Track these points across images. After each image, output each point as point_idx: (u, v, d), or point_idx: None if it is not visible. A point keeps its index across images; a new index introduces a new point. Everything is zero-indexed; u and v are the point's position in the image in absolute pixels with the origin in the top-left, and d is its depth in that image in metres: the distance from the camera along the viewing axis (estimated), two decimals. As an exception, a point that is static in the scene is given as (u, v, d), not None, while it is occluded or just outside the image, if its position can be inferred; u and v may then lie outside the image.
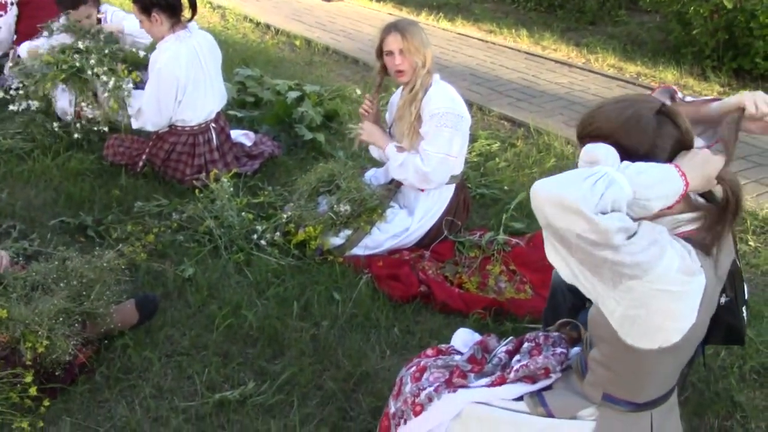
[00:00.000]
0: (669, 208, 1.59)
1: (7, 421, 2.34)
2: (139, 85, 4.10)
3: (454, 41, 7.59)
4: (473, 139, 4.49)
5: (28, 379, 2.38)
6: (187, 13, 3.92)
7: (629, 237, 1.47)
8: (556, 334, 1.98)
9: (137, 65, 4.21)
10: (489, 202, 4.09)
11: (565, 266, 1.58)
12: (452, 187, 3.52)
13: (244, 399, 2.53)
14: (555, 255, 1.59)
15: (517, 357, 1.94)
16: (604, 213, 1.46)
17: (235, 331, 2.90)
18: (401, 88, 3.50)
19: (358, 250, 3.43)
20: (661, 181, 1.55)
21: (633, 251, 1.46)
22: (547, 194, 1.51)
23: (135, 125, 4.02)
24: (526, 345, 1.97)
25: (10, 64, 5.16)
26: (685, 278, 1.52)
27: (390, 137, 3.54)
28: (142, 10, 3.84)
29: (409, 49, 3.25)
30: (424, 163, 3.30)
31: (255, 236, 3.49)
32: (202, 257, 3.37)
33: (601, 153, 1.60)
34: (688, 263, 1.53)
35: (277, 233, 3.50)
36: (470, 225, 3.74)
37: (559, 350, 1.89)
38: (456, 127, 3.29)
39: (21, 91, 4.13)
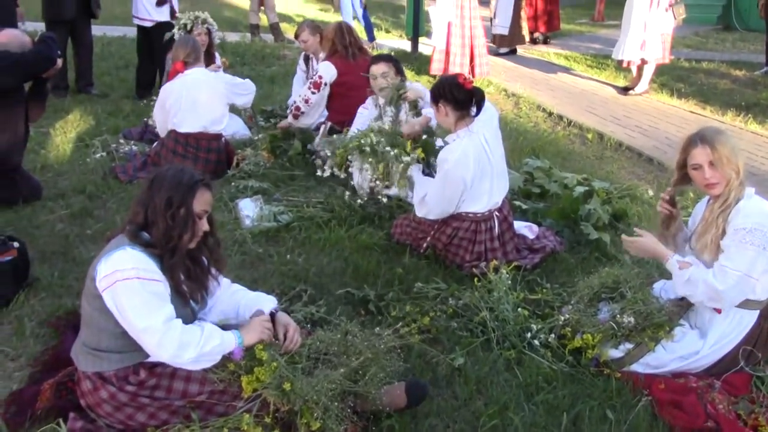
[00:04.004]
0: None
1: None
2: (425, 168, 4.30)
3: (765, 146, 6.94)
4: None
5: (301, 444, 2.49)
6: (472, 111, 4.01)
7: None
8: None
9: (428, 150, 4.40)
10: (797, 335, 3.58)
11: None
12: (755, 313, 3.14)
13: None
14: None
15: None
16: None
17: (499, 434, 2.80)
18: (707, 197, 3.24)
19: (638, 367, 3.18)
20: None
21: None
22: None
23: (419, 213, 4.17)
24: None
25: (319, 138, 5.68)
26: None
27: (671, 249, 3.27)
28: (432, 99, 4.05)
29: (720, 160, 3.00)
30: (717, 280, 2.99)
31: (529, 334, 3.38)
32: (474, 348, 3.34)
33: None
34: None
35: (552, 335, 3.37)
36: (772, 359, 3.31)
37: None
38: (764, 247, 2.95)
39: (328, 161, 4.57)
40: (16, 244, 3.69)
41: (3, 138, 4.56)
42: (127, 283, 2.51)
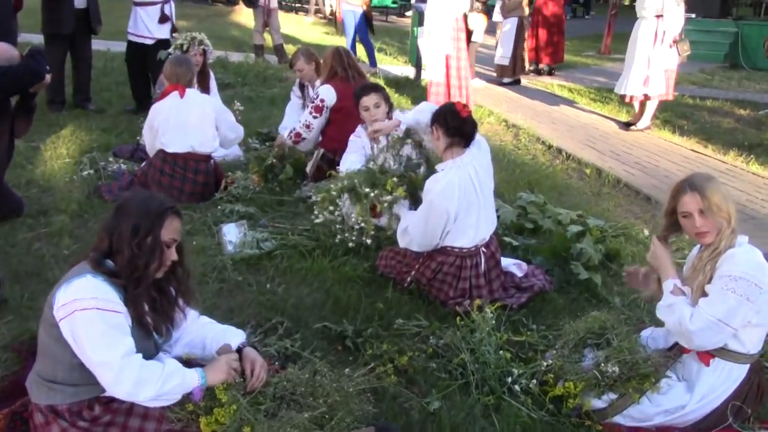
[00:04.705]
0: None
1: None
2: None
3: (765, 189, 6.82)
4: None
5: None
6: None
7: None
8: None
9: (414, 185, 4.31)
10: (788, 392, 3.44)
11: None
12: (745, 367, 3.02)
13: None
14: None
15: None
16: None
17: (471, 487, 2.66)
18: (699, 245, 3.12)
19: (621, 419, 3.04)
20: None
21: None
22: None
23: (401, 243, 4.08)
24: None
25: (310, 165, 5.59)
26: None
27: (676, 274, 3.14)
28: (430, 121, 4.01)
29: (710, 209, 2.89)
30: (690, 320, 2.88)
31: (509, 379, 3.25)
32: (451, 392, 3.20)
33: None
34: None
35: (534, 381, 3.24)
36: (762, 415, 3.16)
37: None
38: (748, 298, 2.82)
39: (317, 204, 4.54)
40: (-16, 264, 3.60)
41: (-14, 152, 4.48)
42: (86, 314, 2.40)
